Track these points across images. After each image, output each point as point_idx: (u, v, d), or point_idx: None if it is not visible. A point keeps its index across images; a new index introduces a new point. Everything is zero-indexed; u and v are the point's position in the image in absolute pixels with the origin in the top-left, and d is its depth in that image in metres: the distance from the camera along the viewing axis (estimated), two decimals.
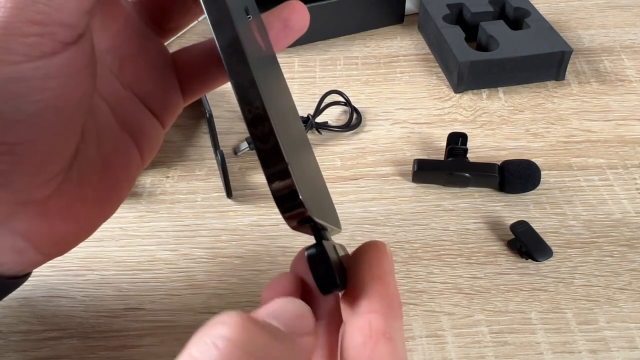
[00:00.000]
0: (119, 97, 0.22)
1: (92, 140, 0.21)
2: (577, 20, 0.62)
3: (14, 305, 0.37)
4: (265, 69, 0.20)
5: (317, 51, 0.59)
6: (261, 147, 0.17)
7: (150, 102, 0.23)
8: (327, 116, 0.50)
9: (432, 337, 0.35)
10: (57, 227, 0.20)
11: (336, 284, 0.18)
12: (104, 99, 0.22)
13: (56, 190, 0.20)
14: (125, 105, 0.23)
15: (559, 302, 0.37)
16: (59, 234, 0.21)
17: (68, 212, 0.21)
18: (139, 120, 0.23)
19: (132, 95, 0.23)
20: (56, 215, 0.20)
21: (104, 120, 0.22)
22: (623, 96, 0.52)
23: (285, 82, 0.26)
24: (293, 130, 0.22)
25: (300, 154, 0.21)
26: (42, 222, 0.20)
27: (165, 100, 0.24)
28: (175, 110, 0.25)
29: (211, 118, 0.45)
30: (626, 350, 0.34)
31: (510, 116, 0.50)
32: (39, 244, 0.20)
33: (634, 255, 0.39)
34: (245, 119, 0.17)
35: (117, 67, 0.22)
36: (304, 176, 0.19)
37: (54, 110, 0.17)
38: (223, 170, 0.42)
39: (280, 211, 0.17)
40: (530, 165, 0.43)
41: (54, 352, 0.35)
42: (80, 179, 0.20)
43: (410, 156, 0.47)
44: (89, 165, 0.21)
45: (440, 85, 0.54)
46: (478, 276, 0.38)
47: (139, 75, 0.23)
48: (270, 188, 0.17)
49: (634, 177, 0.44)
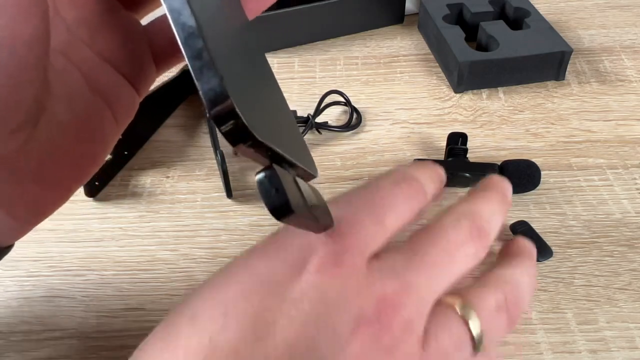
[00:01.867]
0: (90, 63, 0.23)
1: (61, 102, 0.21)
2: (577, 20, 0.62)
3: (14, 305, 0.37)
4: (223, 23, 0.19)
5: (317, 51, 0.59)
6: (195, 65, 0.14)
7: (123, 70, 0.24)
8: (327, 116, 0.50)
9: None
10: (30, 189, 0.20)
11: (290, 209, 0.16)
12: (74, 64, 0.22)
13: (25, 148, 0.19)
14: (98, 71, 0.23)
15: (559, 302, 0.37)
16: (32, 197, 0.21)
17: (40, 173, 0.20)
18: (112, 86, 0.23)
19: (104, 63, 0.23)
20: (28, 177, 0.20)
21: (74, 84, 0.22)
22: (623, 96, 0.52)
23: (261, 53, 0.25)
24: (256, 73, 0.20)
25: (262, 92, 0.20)
26: (14, 184, 0.20)
27: (139, 68, 0.24)
28: (149, 78, 0.25)
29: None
30: (626, 350, 0.34)
31: (510, 116, 0.50)
32: (12, 209, 0.20)
33: (634, 255, 0.39)
34: (180, 42, 0.15)
35: (87, 37, 0.23)
36: (255, 103, 0.17)
37: (5, 49, 0.17)
38: (223, 170, 0.42)
39: (218, 128, 0.15)
40: (530, 166, 0.43)
41: (54, 352, 0.35)
42: (52, 140, 0.20)
43: (410, 156, 0.47)
44: (59, 126, 0.21)
45: (440, 85, 0.54)
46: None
47: (110, 45, 0.23)
48: (206, 108, 0.15)
49: (634, 177, 0.44)
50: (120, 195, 0.44)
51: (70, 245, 0.41)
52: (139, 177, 0.46)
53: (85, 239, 0.41)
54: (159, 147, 0.49)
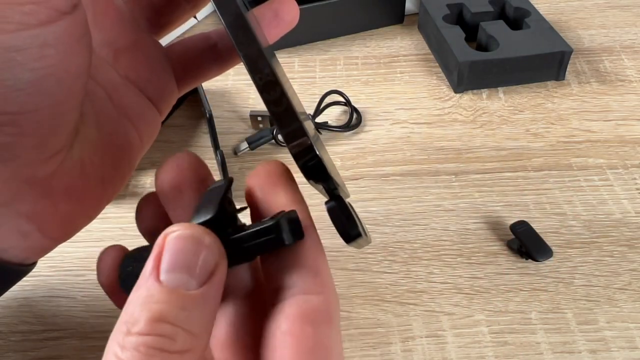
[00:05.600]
0: (115, 84, 0.23)
1: (91, 123, 0.22)
2: (577, 20, 0.62)
3: (14, 305, 0.37)
4: (269, 53, 0.21)
5: (317, 51, 0.59)
6: (275, 110, 0.18)
7: (146, 90, 0.24)
8: (327, 116, 0.50)
9: (432, 337, 0.35)
10: (62, 207, 0.21)
11: (359, 233, 0.19)
12: (100, 86, 0.23)
13: (59, 168, 0.20)
14: (122, 92, 0.23)
15: (559, 302, 0.37)
16: (63, 215, 0.21)
17: (72, 191, 0.21)
18: (136, 106, 0.24)
19: (128, 83, 0.24)
20: (60, 195, 0.20)
21: (101, 104, 0.23)
22: (623, 96, 0.52)
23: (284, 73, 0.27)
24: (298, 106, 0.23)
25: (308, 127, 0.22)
26: (47, 203, 0.20)
27: (161, 88, 0.25)
28: (170, 98, 0.26)
29: (211, 118, 0.45)
30: (626, 350, 0.34)
31: (510, 116, 0.50)
32: (44, 226, 0.20)
33: (634, 255, 0.39)
34: (257, 87, 0.18)
35: (112, 58, 0.23)
36: (314, 139, 0.20)
37: (54, 79, 0.18)
38: (223, 170, 0.42)
39: (299, 166, 0.18)
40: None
41: (54, 352, 0.35)
42: (82, 158, 0.21)
43: (410, 156, 0.47)
44: (90, 146, 0.21)
45: (440, 85, 0.54)
46: (478, 276, 0.38)
47: (134, 66, 0.24)
48: (288, 147, 0.18)
49: (634, 177, 0.44)
50: (120, 195, 0.44)
51: (70, 245, 0.41)
52: (139, 177, 0.46)
53: (85, 239, 0.41)
54: (159, 147, 0.49)
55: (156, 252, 0.17)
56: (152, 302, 0.16)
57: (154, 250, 0.17)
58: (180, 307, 0.16)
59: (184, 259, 0.17)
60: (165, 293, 0.16)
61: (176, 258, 0.17)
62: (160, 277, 0.17)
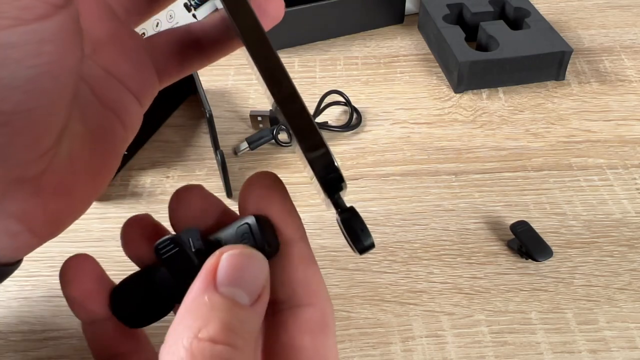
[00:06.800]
0: (96, 77, 0.23)
1: (77, 116, 0.21)
2: (577, 20, 0.62)
3: (14, 305, 0.37)
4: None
5: (317, 51, 0.59)
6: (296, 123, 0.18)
7: (127, 83, 0.24)
8: (327, 116, 0.50)
9: (432, 337, 0.35)
10: (51, 205, 0.20)
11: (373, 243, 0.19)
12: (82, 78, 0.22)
13: (49, 166, 0.20)
14: (104, 85, 0.23)
15: (559, 302, 0.37)
16: (53, 212, 0.21)
17: (61, 188, 0.20)
18: (118, 99, 0.24)
19: (109, 76, 0.24)
20: (50, 193, 0.20)
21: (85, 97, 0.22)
22: (623, 96, 0.52)
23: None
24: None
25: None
26: (37, 202, 0.20)
27: (142, 81, 0.25)
28: (151, 91, 0.26)
29: (211, 118, 0.45)
30: (626, 350, 0.34)
31: (510, 116, 0.50)
32: (33, 225, 0.20)
33: (634, 255, 0.39)
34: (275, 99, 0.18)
35: (91, 51, 0.23)
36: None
37: (50, 77, 0.17)
38: (223, 170, 0.42)
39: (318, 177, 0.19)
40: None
41: (54, 352, 0.35)
42: (71, 154, 0.21)
43: (410, 156, 0.47)
44: (77, 141, 0.21)
45: (440, 85, 0.54)
46: (478, 276, 0.38)
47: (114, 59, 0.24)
48: (308, 158, 0.18)
49: (634, 177, 0.44)
50: (120, 195, 0.44)
51: (70, 245, 0.41)
52: (139, 177, 0.46)
53: (85, 239, 0.41)
54: (159, 147, 0.49)
55: (211, 267, 0.18)
56: (218, 310, 0.17)
57: (207, 264, 0.18)
58: (239, 319, 0.17)
59: (240, 274, 0.18)
60: (227, 304, 0.17)
61: (233, 273, 0.18)
62: (219, 289, 0.17)
